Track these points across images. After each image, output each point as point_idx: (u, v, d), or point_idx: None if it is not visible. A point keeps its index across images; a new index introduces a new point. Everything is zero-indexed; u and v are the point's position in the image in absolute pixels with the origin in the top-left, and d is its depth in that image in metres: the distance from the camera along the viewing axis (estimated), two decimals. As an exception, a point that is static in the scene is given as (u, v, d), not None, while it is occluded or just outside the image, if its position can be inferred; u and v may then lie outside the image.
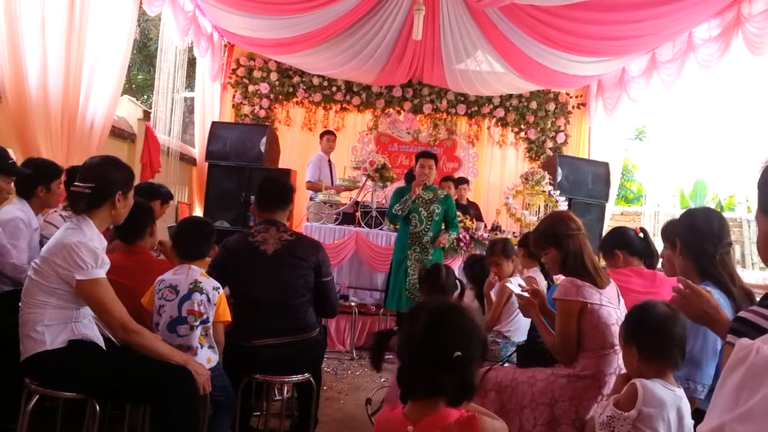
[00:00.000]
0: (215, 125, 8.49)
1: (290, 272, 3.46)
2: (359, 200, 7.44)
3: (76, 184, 2.74)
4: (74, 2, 4.95)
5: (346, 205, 7.45)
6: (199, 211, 8.62)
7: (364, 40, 7.88)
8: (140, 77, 16.38)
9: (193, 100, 9.64)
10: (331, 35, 7.69)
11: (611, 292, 2.88)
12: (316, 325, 3.62)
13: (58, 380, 2.70)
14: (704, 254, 2.62)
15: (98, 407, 2.75)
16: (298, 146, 9.92)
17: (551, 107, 9.76)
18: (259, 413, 4.02)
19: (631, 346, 2.32)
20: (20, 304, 2.72)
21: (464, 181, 8.61)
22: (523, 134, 9.89)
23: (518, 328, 4.05)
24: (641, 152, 16.25)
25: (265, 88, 9.62)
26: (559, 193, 7.48)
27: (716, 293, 2.47)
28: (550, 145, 9.76)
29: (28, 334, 2.66)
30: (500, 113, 9.79)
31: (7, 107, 4.51)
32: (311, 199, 7.81)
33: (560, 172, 8.16)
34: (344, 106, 9.91)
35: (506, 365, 3.49)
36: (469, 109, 9.81)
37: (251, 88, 9.66)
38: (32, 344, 2.65)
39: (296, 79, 9.67)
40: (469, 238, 6.92)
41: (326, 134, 8.70)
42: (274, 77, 9.63)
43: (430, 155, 6.17)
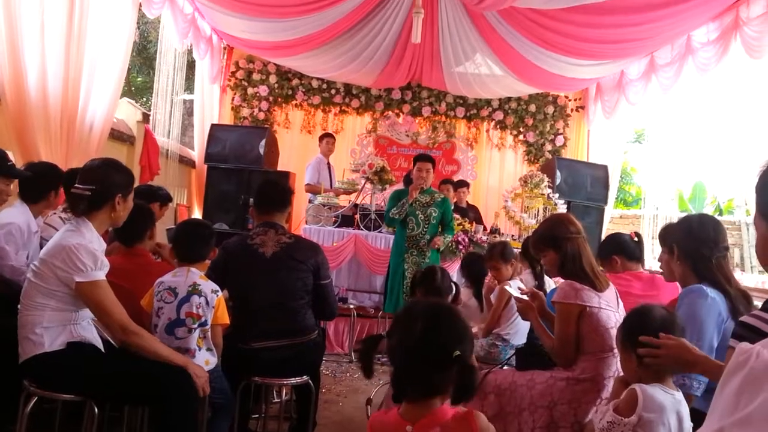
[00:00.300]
0: (214, 128, 8.48)
1: (289, 275, 3.46)
2: (358, 203, 7.44)
3: (76, 186, 2.74)
4: (74, 5, 4.96)
5: (345, 207, 7.45)
6: (198, 213, 8.62)
7: (363, 42, 7.88)
8: (139, 79, 16.37)
9: (192, 102, 9.65)
10: (330, 38, 7.69)
11: (610, 295, 2.89)
12: (314, 327, 3.61)
13: (56, 382, 2.69)
14: (701, 258, 2.66)
15: (97, 409, 2.75)
16: (297, 149, 9.92)
17: (550, 110, 9.77)
18: (257, 416, 4.02)
19: (629, 351, 2.31)
20: (19, 306, 2.72)
21: (464, 184, 8.60)
22: (521, 137, 9.90)
23: (517, 331, 4.06)
24: (640, 155, 16.28)
25: (264, 90, 9.62)
26: (557, 196, 7.48)
27: (712, 293, 2.52)
28: (548, 148, 9.77)
29: (26, 336, 2.66)
30: (499, 116, 9.80)
31: (6, 109, 4.52)
32: (310, 201, 7.81)
33: (559, 175, 8.17)
34: (343, 108, 9.93)
35: (505, 368, 3.49)
36: (468, 111, 9.83)
37: (250, 90, 9.67)
38: (31, 346, 2.65)
39: (295, 81, 9.68)
40: (467, 240, 6.92)
41: (325, 137, 8.71)
42: (273, 80, 9.64)
43: (426, 158, 6.16)
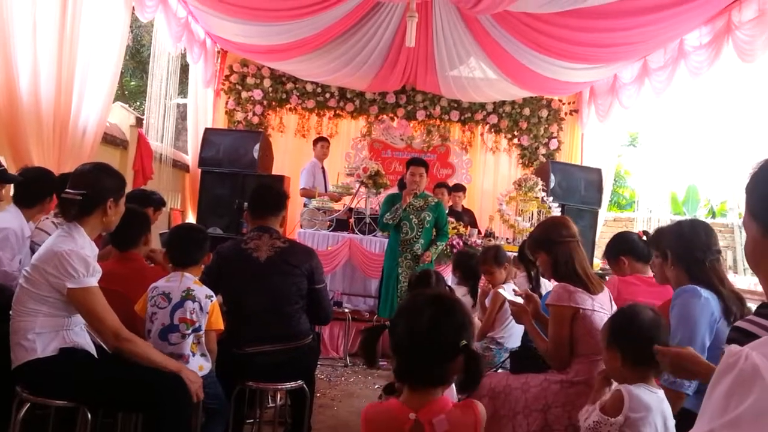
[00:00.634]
0: (208, 132, 8.46)
1: (283, 279, 3.46)
2: (353, 207, 7.44)
3: (66, 191, 2.72)
4: (66, 8, 4.94)
5: (339, 211, 7.45)
6: (192, 217, 8.60)
7: (357, 46, 7.89)
8: (133, 83, 16.35)
9: (185, 106, 9.64)
10: (324, 42, 7.70)
11: (604, 298, 2.90)
12: (309, 332, 3.61)
13: (49, 388, 2.68)
14: (695, 262, 2.73)
15: (90, 415, 2.74)
16: (291, 153, 9.90)
17: (544, 114, 9.77)
18: (252, 421, 4.00)
19: (614, 350, 2.34)
20: (11, 312, 2.71)
21: (460, 188, 8.62)
22: (516, 140, 9.91)
23: (511, 334, 4.06)
24: (634, 158, 16.32)
25: (258, 94, 9.61)
26: (552, 199, 7.49)
27: (705, 293, 2.58)
28: (543, 151, 9.78)
29: (19, 342, 2.64)
30: (493, 120, 9.80)
31: (-2, 114, 4.50)
32: (305, 205, 7.80)
33: (553, 178, 8.17)
34: (338, 112, 9.91)
35: (500, 371, 3.50)
36: (462, 115, 9.83)
37: (244, 94, 9.65)
38: (23, 352, 2.64)
39: (289, 85, 9.66)
40: (462, 244, 6.93)
41: (320, 141, 8.70)
42: (267, 84, 9.63)
43: (420, 162, 6.16)
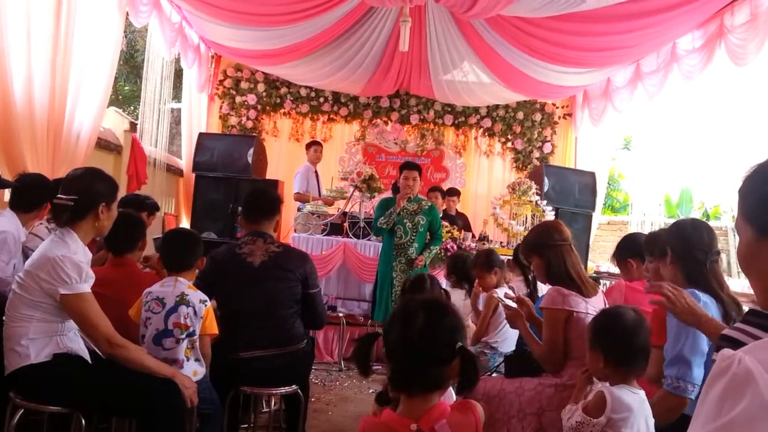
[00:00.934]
0: (202, 136, 8.46)
1: (277, 284, 3.46)
2: (347, 211, 7.44)
3: (58, 196, 2.72)
4: (60, 13, 4.94)
5: (333, 215, 7.45)
6: (186, 222, 8.58)
7: (351, 51, 7.90)
8: (127, 88, 16.32)
9: (179, 111, 9.62)
10: (317, 46, 7.71)
11: (598, 301, 2.92)
12: (303, 336, 3.61)
13: (43, 394, 2.67)
14: (695, 262, 2.66)
15: (84, 421, 2.73)
16: (285, 157, 9.91)
17: (538, 117, 9.80)
18: (246, 425, 4.00)
19: (597, 351, 2.37)
20: (4, 318, 2.70)
21: (455, 192, 8.63)
22: (510, 144, 9.92)
23: (506, 339, 4.06)
24: (628, 162, 16.35)
25: (252, 99, 9.61)
26: (546, 202, 7.50)
27: (704, 297, 2.52)
28: (536, 155, 9.80)
29: (12, 348, 2.63)
30: (487, 123, 9.82)
31: (-8, 119, 4.49)
32: (299, 210, 7.80)
33: (547, 181, 8.19)
34: (331, 116, 9.92)
35: (494, 375, 3.50)
36: (456, 119, 9.85)
37: (238, 99, 9.66)
38: (17, 358, 2.63)
39: (283, 90, 9.67)
40: (456, 248, 6.94)
41: (313, 145, 8.71)
42: (261, 88, 9.63)
43: (413, 166, 6.15)
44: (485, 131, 9.95)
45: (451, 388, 2.11)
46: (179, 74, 8.73)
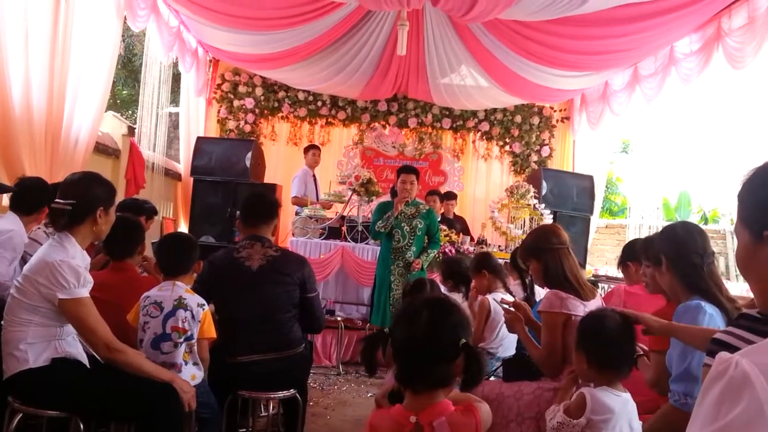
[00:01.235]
0: (200, 140, 8.46)
1: (275, 288, 3.45)
2: (345, 215, 7.44)
3: (56, 201, 2.72)
4: (58, 18, 4.94)
5: (331, 219, 7.45)
6: (184, 226, 8.58)
7: (348, 55, 7.91)
8: (125, 93, 16.33)
9: (177, 115, 9.62)
10: (315, 50, 7.72)
11: (595, 305, 2.92)
12: (301, 340, 3.61)
13: (41, 399, 2.67)
14: (693, 268, 2.56)
15: (82, 425, 2.73)
16: (283, 161, 9.91)
17: (535, 121, 9.81)
18: (245, 430, 3.99)
19: (581, 353, 2.39)
20: (2, 322, 2.70)
21: (452, 196, 8.64)
22: (507, 148, 9.94)
23: (503, 344, 4.03)
24: (626, 165, 16.37)
25: (250, 103, 9.61)
26: (544, 206, 7.51)
27: (710, 308, 2.44)
28: (534, 158, 9.82)
29: (11, 352, 2.63)
30: (485, 127, 9.84)
31: (-10, 124, 4.49)
32: (297, 214, 7.80)
33: (545, 185, 8.20)
34: (330, 120, 9.92)
35: (492, 379, 3.50)
36: (454, 123, 9.86)
37: (236, 103, 9.66)
38: (15, 363, 2.62)
39: (281, 93, 9.68)
40: (455, 252, 6.94)
41: (312, 149, 8.70)
42: (259, 92, 9.63)
43: (410, 170, 6.14)
44: (483, 135, 9.96)
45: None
46: (177, 78, 8.73)
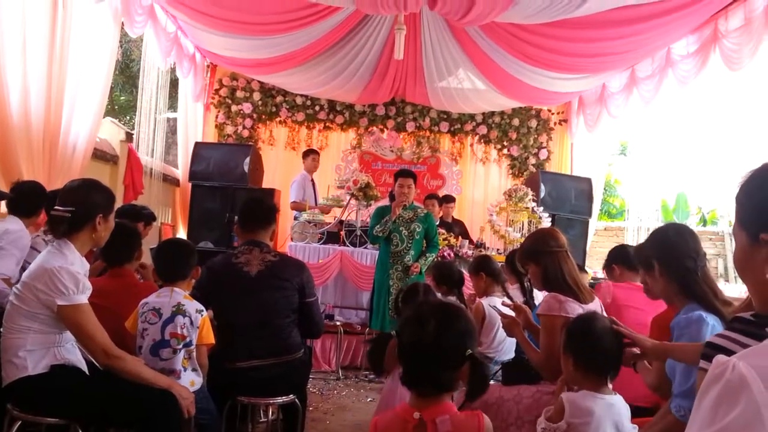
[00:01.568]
0: (198, 146, 8.47)
1: (274, 293, 3.45)
2: (343, 219, 7.44)
3: (56, 208, 2.72)
4: (55, 24, 4.95)
5: (330, 224, 7.45)
6: (182, 232, 8.58)
7: (346, 59, 7.92)
8: (122, 98, 16.33)
9: (175, 120, 9.64)
10: (313, 55, 7.72)
11: (594, 307, 2.91)
12: (300, 346, 3.60)
13: (40, 406, 2.66)
14: (687, 272, 2.50)
15: (81, 432, 2.73)
16: (281, 166, 9.91)
17: (533, 124, 9.82)
18: (244, 435, 3.99)
19: (568, 355, 2.39)
20: (1, 329, 2.70)
21: (450, 199, 8.65)
22: (505, 151, 9.95)
23: (502, 347, 4.02)
24: (624, 167, 16.38)
25: (248, 107, 9.62)
26: (542, 209, 7.50)
27: (711, 319, 2.39)
28: (532, 161, 9.82)
29: (10, 359, 2.63)
30: (483, 130, 9.84)
31: (-12, 130, 4.49)
32: (295, 218, 7.80)
33: (543, 188, 8.20)
34: (327, 125, 9.93)
35: (492, 382, 3.49)
36: (452, 126, 9.86)
37: (234, 108, 9.66)
38: (14, 370, 2.62)
39: (279, 98, 9.68)
40: (453, 255, 6.93)
41: (311, 153, 8.68)
42: (257, 97, 9.64)
43: (408, 174, 6.14)
44: (481, 138, 9.97)
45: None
46: (175, 84, 8.75)
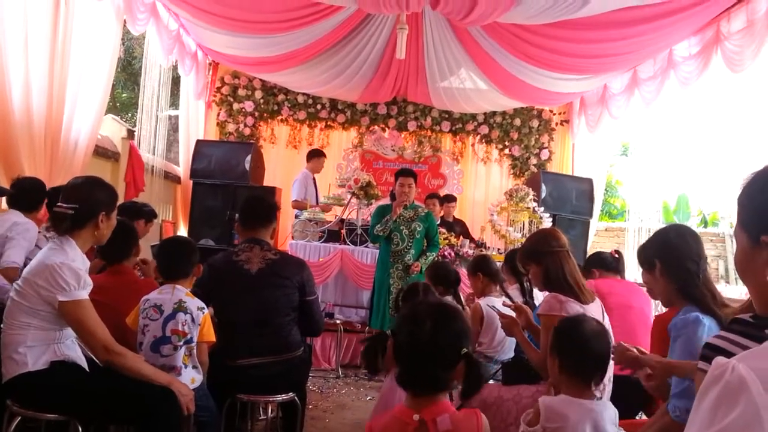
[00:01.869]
0: (200, 143, 8.48)
1: (274, 291, 3.45)
2: (344, 218, 7.44)
3: (59, 204, 2.72)
4: (58, 21, 4.95)
5: (331, 222, 7.45)
6: (183, 229, 8.58)
7: (348, 58, 7.91)
8: (124, 96, 16.33)
9: (177, 118, 9.64)
10: (315, 54, 7.72)
11: (595, 308, 2.91)
12: (300, 344, 3.60)
13: (40, 402, 2.67)
14: (688, 274, 2.49)
15: (81, 428, 2.73)
16: (283, 164, 9.91)
17: (535, 124, 9.81)
18: (244, 433, 3.99)
19: (554, 357, 2.40)
20: (2, 325, 2.70)
21: (452, 198, 8.65)
22: (507, 151, 9.94)
23: (502, 347, 4.01)
24: (625, 168, 16.39)
25: (249, 106, 9.61)
26: (543, 209, 7.50)
27: (708, 321, 2.39)
28: (534, 161, 9.81)
29: (10, 356, 2.63)
30: (484, 130, 9.84)
31: (-10, 127, 4.50)
32: (296, 217, 7.80)
33: (544, 188, 8.20)
34: (329, 123, 9.92)
35: (491, 383, 3.49)
36: (453, 126, 9.85)
37: (236, 106, 9.65)
38: (14, 366, 2.62)
39: (281, 97, 9.67)
40: (454, 255, 6.93)
41: (319, 156, 8.58)
42: (258, 95, 9.63)
43: (408, 173, 6.13)
44: (482, 138, 9.96)
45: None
46: (177, 81, 8.74)
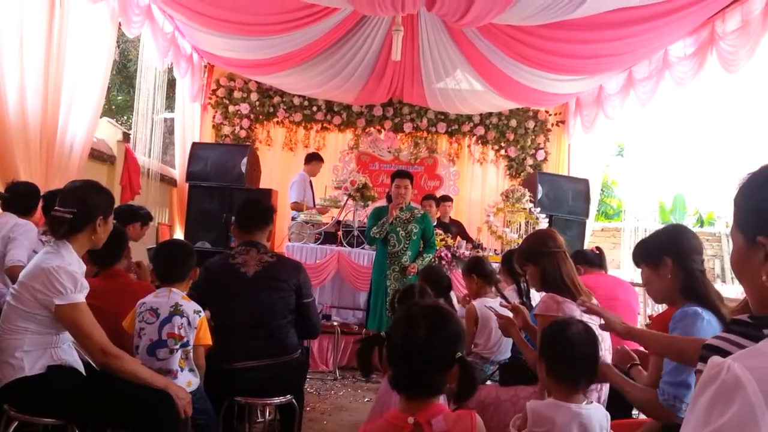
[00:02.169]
0: (195, 146, 8.46)
1: (271, 294, 3.45)
2: (341, 220, 7.44)
3: (57, 209, 2.71)
4: (52, 24, 4.94)
5: (327, 224, 7.45)
6: (180, 232, 8.57)
7: (343, 60, 7.92)
8: (120, 98, 16.30)
9: (173, 121, 9.61)
10: (310, 55, 7.72)
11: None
12: (297, 346, 3.60)
13: (37, 406, 2.66)
14: (699, 273, 2.48)
15: (78, 433, 2.73)
16: (279, 166, 9.91)
17: (531, 125, 9.82)
18: (241, 436, 3.98)
19: (542, 361, 2.39)
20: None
21: (448, 199, 8.65)
22: (503, 152, 9.95)
23: (498, 348, 4.01)
24: (621, 168, 16.41)
25: (245, 108, 9.61)
26: (539, 210, 7.51)
27: (707, 314, 2.39)
28: (530, 162, 9.83)
29: (6, 360, 2.62)
30: (480, 131, 9.85)
31: (-16, 130, 4.49)
32: (293, 219, 7.79)
33: (540, 189, 8.21)
34: (325, 125, 9.92)
35: (488, 383, 3.49)
36: (449, 127, 9.86)
37: (231, 108, 9.65)
38: (11, 370, 2.62)
39: (277, 99, 9.68)
40: (450, 256, 6.93)
41: (317, 160, 8.60)
42: (254, 97, 9.64)
43: (405, 175, 6.13)
44: (478, 139, 9.97)
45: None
46: (172, 84, 8.74)
